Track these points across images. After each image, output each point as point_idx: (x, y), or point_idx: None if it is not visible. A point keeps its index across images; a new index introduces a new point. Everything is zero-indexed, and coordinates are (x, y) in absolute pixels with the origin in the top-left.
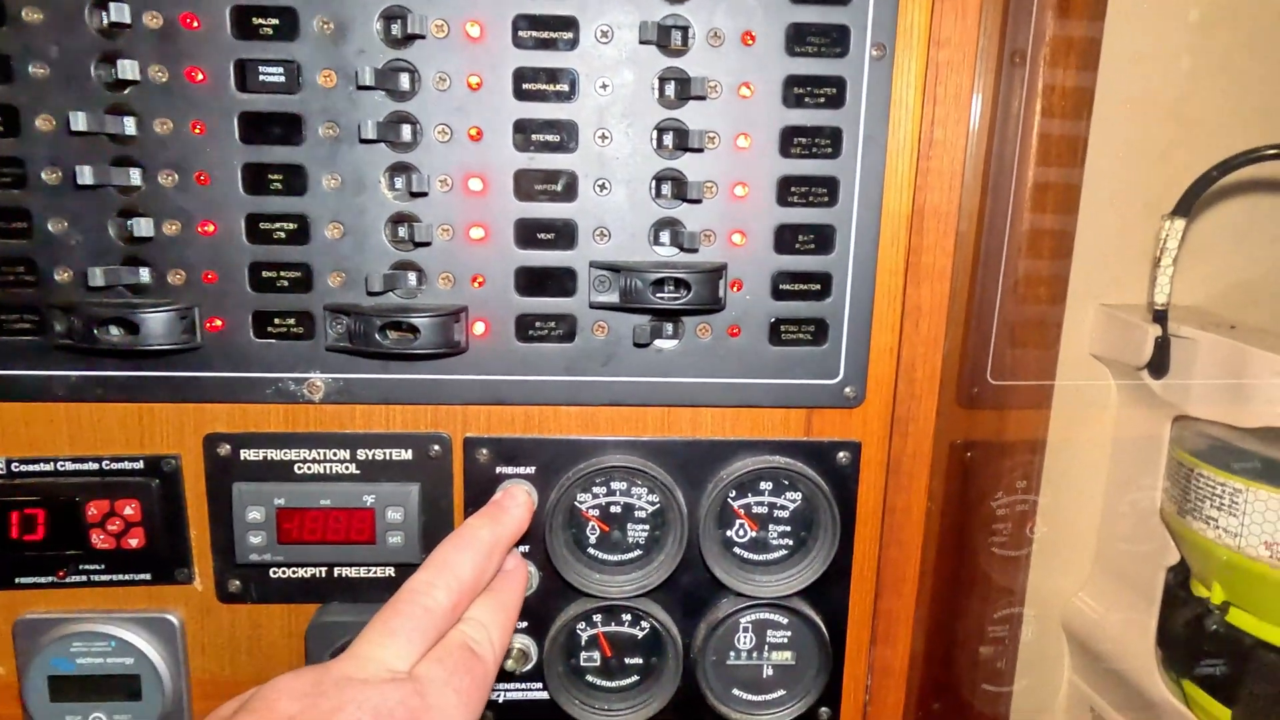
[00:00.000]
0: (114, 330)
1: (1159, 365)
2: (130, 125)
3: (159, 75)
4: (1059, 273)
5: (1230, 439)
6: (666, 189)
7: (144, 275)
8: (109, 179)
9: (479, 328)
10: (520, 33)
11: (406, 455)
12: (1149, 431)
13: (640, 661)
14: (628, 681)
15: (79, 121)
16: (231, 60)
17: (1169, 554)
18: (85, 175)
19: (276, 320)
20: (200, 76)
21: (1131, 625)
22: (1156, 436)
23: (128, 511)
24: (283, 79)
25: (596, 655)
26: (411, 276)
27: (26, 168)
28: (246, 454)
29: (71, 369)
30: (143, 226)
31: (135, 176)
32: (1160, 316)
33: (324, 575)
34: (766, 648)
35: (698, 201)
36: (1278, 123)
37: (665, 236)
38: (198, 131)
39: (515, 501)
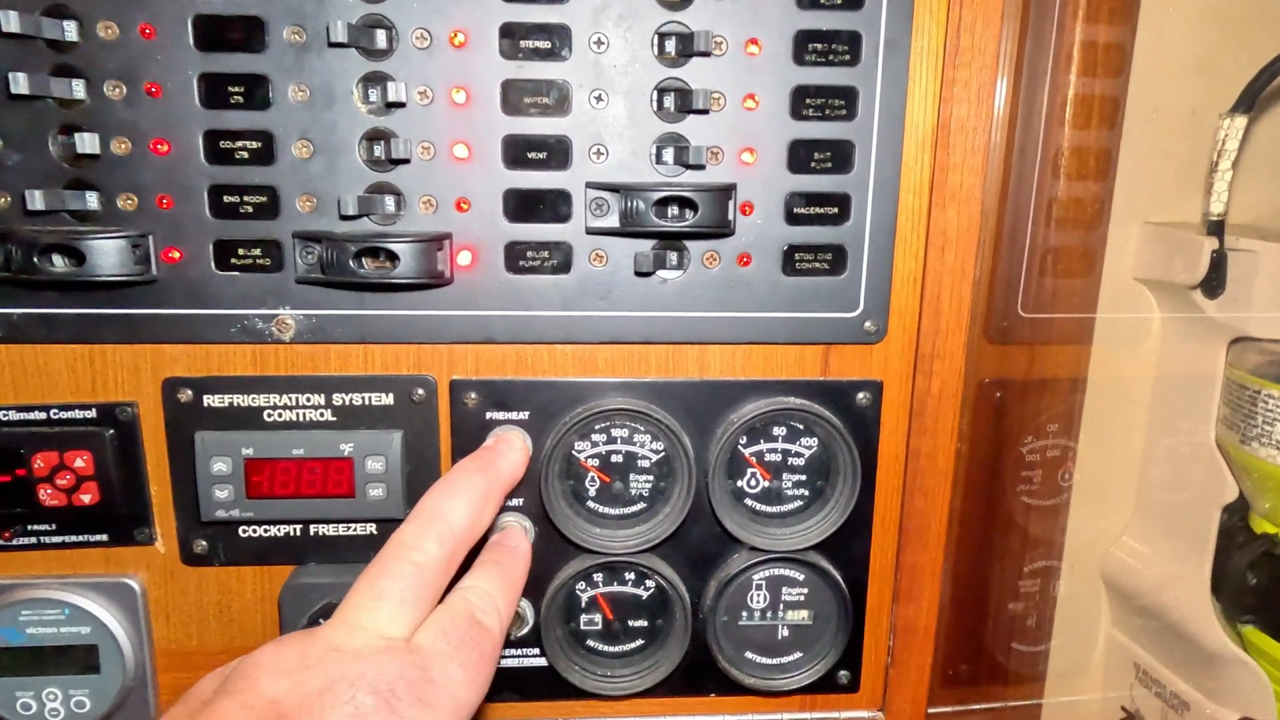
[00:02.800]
0: (57, 260)
1: (1214, 283)
2: (71, 30)
3: None
4: (1100, 191)
5: None
6: (669, 101)
7: (91, 200)
8: (48, 90)
9: (464, 257)
10: None
11: (387, 400)
12: (1201, 361)
13: (645, 623)
14: (632, 645)
15: (11, 23)
16: None
17: (1226, 491)
18: (20, 84)
19: (240, 250)
20: None
21: (1181, 572)
22: (1210, 364)
23: (79, 464)
24: None
25: (598, 617)
26: (389, 200)
27: None
28: (210, 400)
29: (11, 306)
30: (87, 144)
31: (78, 88)
32: (1216, 228)
33: (298, 533)
34: (781, 606)
35: (704, 113)
36: None
37: (668, 154)
38: (147, 36)
39: (510, 447)
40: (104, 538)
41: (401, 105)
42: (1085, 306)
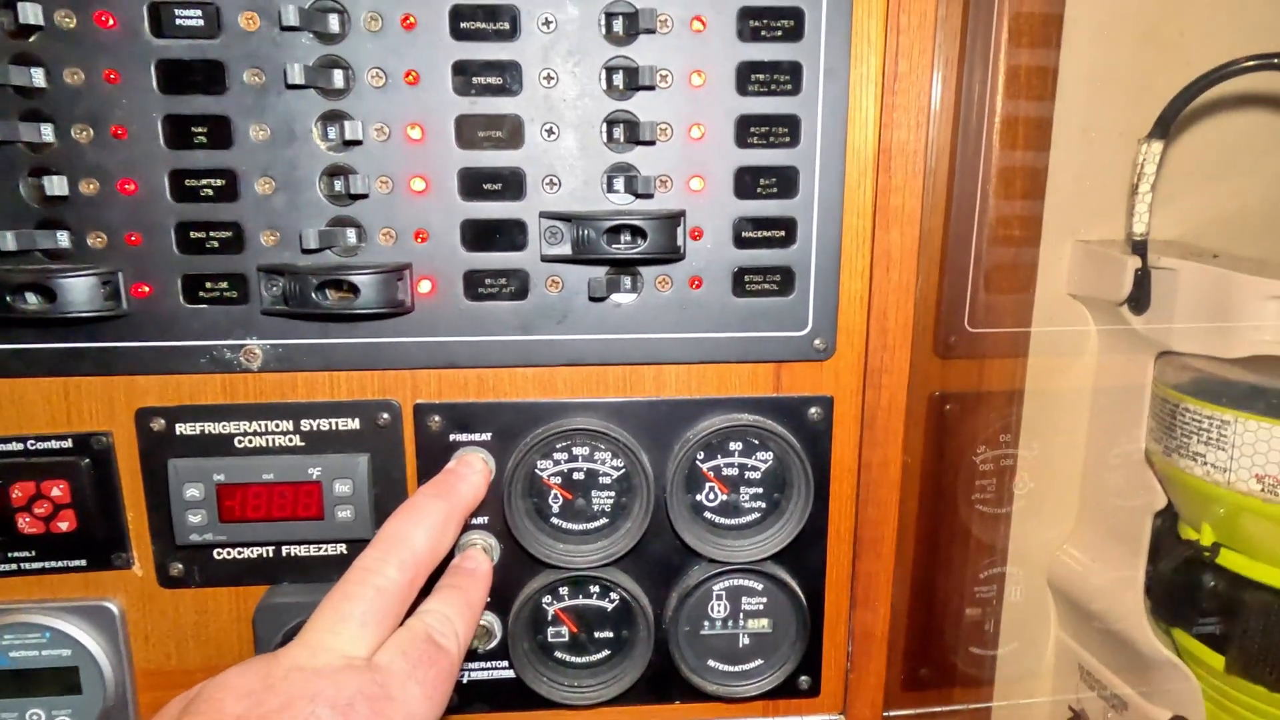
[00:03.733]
0: (30, 297)
1: (1140, 299)
2: (38, 76)
3: (65, 20)
4: (1032, 210)
5: (1216, 371)
6: (618, 132)
7: (62, 239)
8: (17, 135)
9: (425, 286)
10: None
11: (354, 424)
12: (1131, 372)
13: (610, 635)
14: (598, 656)
15: None
16: (145, 3)
17: (1156, 499)
18: None
19: (208, 284)
20: (111, 21)
21: (1119, 577)
22: (1139, 377)
23: (56, 493)
24: (201, 23)
25: (564, 630)
26: (350, 233)
27: None
28: (182, 428)
29: None
30: (57, 186)
31: (46, 132)
32: (1139, 247)
33: (270, 555)
34: (741, 616)
35: (651, 144)
36: (1261, 43)
37: (619, 183)
38: (112, 81)
39: (470, 469)
40: (83, 563)
41: (359, 142)
42: (1026, 321)
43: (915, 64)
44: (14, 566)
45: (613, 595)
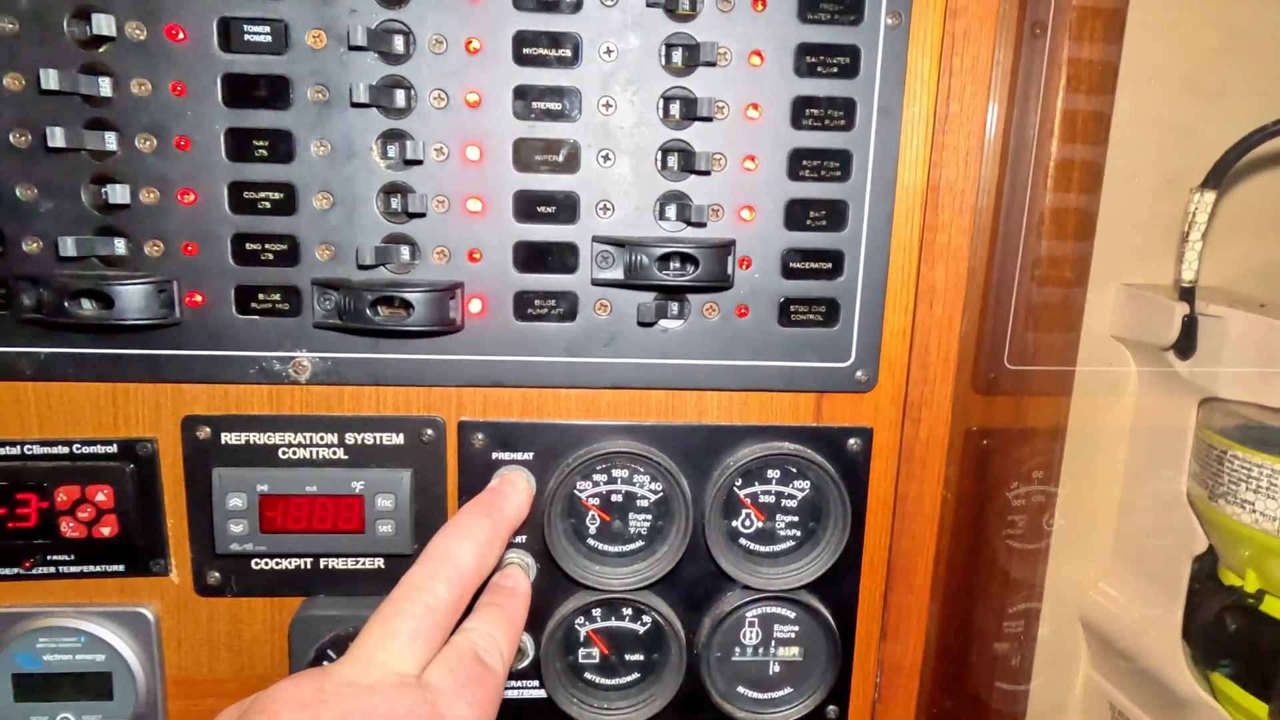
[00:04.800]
0: (86, 303)
1: (1186, 345)
2: (105, 86)
3: (137, 32)
4: (1080, 253)
5: (1264, 419)
6: (673, 160)
7: (119, 246)
8: (82, 142)
9: (475, 305)
10: None
11: (398, 440)
12: (1173, 416)
13: (642, 658)
14: (629, 679)
15: (50, 80)
16: (215, 18)
17: (1196, 542)
18: (56, 138)
19: (261, 295)
20: (181, 35)
21: (1155, 618)
22: (1182, 421)
23: (100, 498)
24: (269, 39)
25: (596, 651)
26: (404, 250)
27: None
28: (228, 437)
29: (40, 345)
30: (118, 194)
31: (111, 140)
32: (1188, 294)
33: (309, 566)
34: (773, 643)
35: (705, 174)
36: None
37: (671, 211)
38: (178, 93)
39: (514, 488)
40: (121, 568)
41: (419, 162)
42: (1067, 360)
43: (967, 105)
44: (52, 570)
45: (645, 618)
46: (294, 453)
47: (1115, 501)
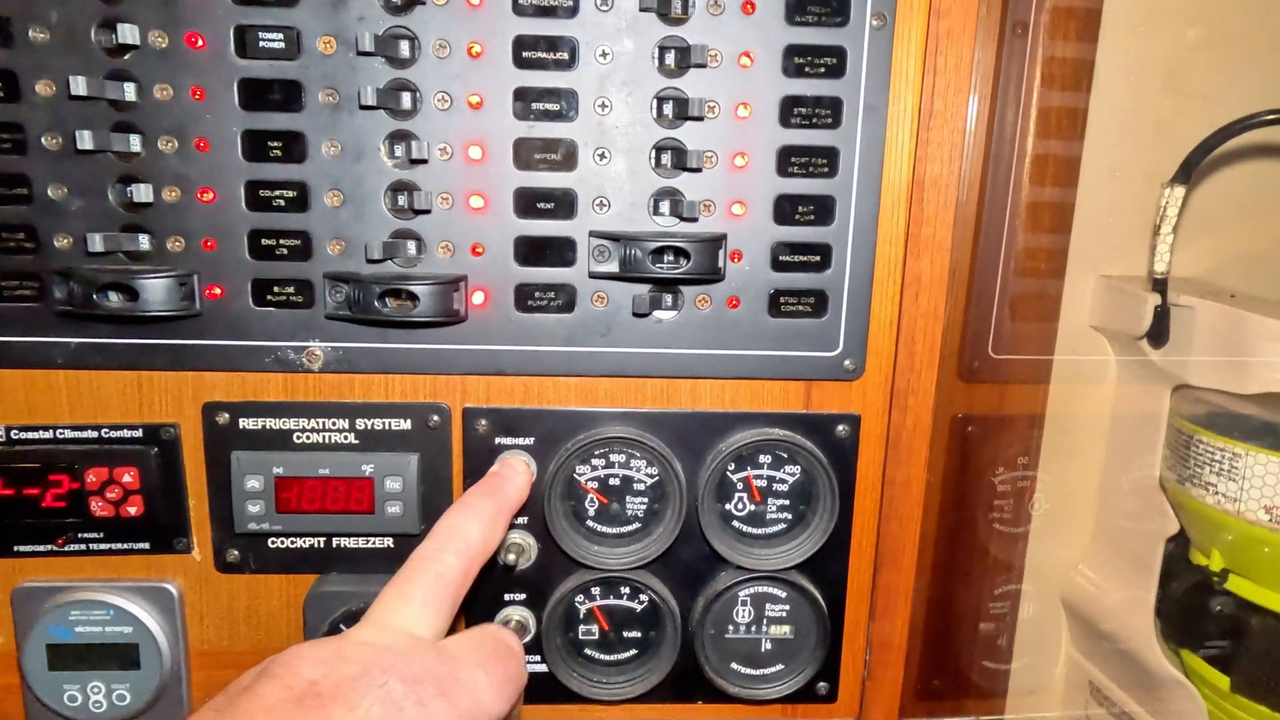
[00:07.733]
0: (113, 296)
1: (1158, 334)
2: (130, 91)
3: (159, 40)
4: (1059, 245)
5: (1229, 405)
6: (666, 158)
7: (143, 242)
8: (109, 145)
9: (478, 297)
10: (520, 0)
11: (405, 425)
12: (1148, 403)
13: (639, 634)
14: (626, 655)
15: (79, 86)
16: (231, 26)
17: (1168, 524)
18: (85, 141)
19: (276, 288)
20: (200, 42)
21: (1131, 597)
22: (1156, 408)
23: (126, 479)
24: (283, 45)
25: (595, 628)
26: (411, 245)
27: (26, 133)
28: (245, 423)
29: (71, 336)
30: (142, 193)
31: (135, 143)
32: (1160, 285)
33: (322, 545)
34: (765, 621)
35: (697, 171)
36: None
37: (665, 206)
38: (198, 97)
39: (515, 471)
40: (146, 546)
41: (424, 161)
42: (1048, 349)
43: (950, 102)
44: (83, 547)
45: (643, 597)
46: (308, 437)
47: (1095, 486)
